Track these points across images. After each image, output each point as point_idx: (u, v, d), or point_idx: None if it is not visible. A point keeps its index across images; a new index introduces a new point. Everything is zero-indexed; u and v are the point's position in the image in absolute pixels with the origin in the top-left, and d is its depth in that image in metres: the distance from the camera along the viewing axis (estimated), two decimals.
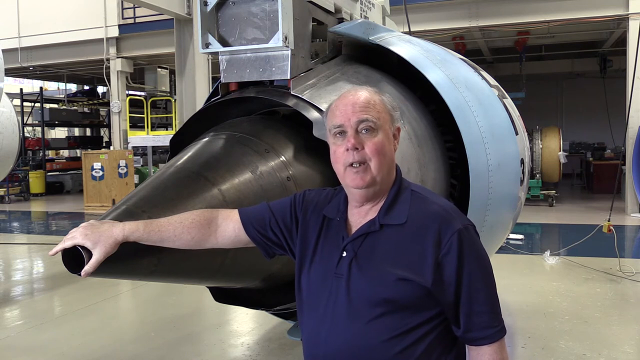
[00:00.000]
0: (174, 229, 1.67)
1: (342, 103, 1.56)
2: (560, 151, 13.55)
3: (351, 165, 1.51)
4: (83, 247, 1.58)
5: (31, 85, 26.06)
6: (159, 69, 17.69)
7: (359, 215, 1.59)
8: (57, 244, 1.63)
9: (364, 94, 1.57)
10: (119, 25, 15.70)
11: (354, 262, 1.52)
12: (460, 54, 4.13)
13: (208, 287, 2.43)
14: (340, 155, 1.53)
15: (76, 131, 25.83)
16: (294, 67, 2.35)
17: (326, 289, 1.55)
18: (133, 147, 15.33)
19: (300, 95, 2.32)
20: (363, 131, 1.52)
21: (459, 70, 3.08)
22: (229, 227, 1.72)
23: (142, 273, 1.75)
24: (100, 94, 22.90)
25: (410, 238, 1.49)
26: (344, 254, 1.54)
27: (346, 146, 1.51)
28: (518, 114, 3.90)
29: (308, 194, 1.75)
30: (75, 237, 1.60)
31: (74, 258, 1.59)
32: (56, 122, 22.17)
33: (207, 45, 2.37)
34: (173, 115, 16.72)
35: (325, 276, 1.56)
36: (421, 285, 1.45)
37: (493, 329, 1.48)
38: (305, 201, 1.72)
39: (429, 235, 1.48)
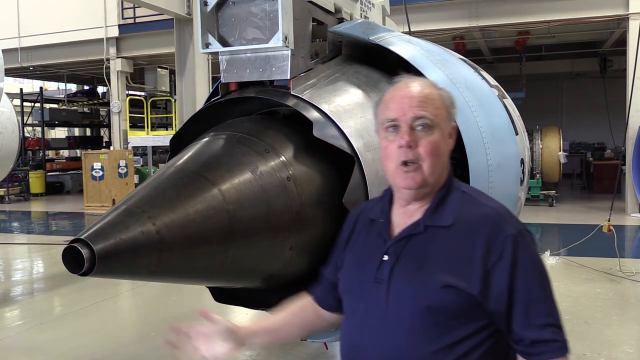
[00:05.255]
0: (290, 332, 1.78)
1: (397, 95, 1.45)
2: (560, 151, 13.55)
3: (403, 163, 1.41)
4: (83, 247, 1.58)
5: (31, 85, 26.04)
6: (159, 69, 17.69)
7: (405, 216, 1.48)
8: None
9: (422, 86, 1.46)
10: (119, 25, 15.70)
11: (396, 266, 1.42)
12: (460, 54, 4.13)
13: (208, 287, 2.43)
14: (392, 152, 1.42)
15: (76, 131, 25.83)
16: (294, 67, 2.34)
17: (365, 294, 1.46)
18: (133, 147, 15.33)
19: (300, 95, 2.32)
20: (418, 128, 1.41)
21: (459, 70, 3.08)
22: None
23: (142, 273, 1.74)
24: (100, 94, 22.90)
25: (456, 242, 1.38)
26: (385, 257, 1.44)
27: (399, 143, 1.40)
28: (518, 114, 3.89)
29: (360, 205, 1.70)
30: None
31: (74, 258, 1.59)
32: (56, 122, 22.18)
33: (207, 45, 2.36)
34: (173, 115, 16.72)
35: (365, 280, 1.47)
36: (467, 294, 1.34)
37: (557, 343, 1.35)
38: (354, 214, 1.67)
39: (478, 240, 1.36)
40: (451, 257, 1.37)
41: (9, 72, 16.76)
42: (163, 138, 14.74)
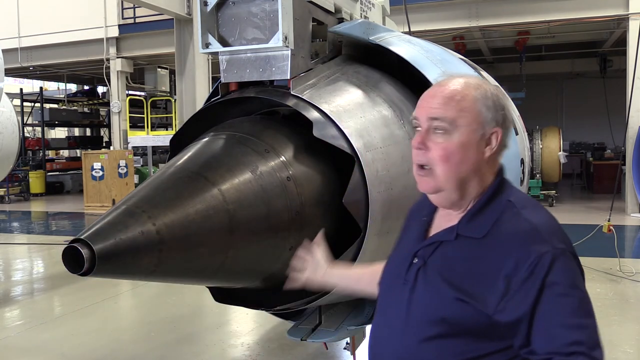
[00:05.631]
0: (364, 289, 1.79)
1: (427, 93, 1.39)
2: (560, 151, 13.55)
3: (419, 167, 1.37)
4: (83, 247, 1.58)
5: (31, 85, 26.04)
6: (159, 69, 17.69)
7: (444, 219, 1.43)
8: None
9: (454, 85, 1.36)
10: (119, 25, 15.70)
11: (421, 271, 1.38)
12: (460, 54, 4.13)
13: (208, 287, 2.43)
14: (413, 153, 1.39)
15: (76, 131, 25.84)
16: (294, 67, 2.34)
17: (393, 293, 1.45)
18: (133, 147, 15.33)
19: (300, 95, 2.32)
20: (437, 131, 1.33)
21: (459, 70, 3.08)
22: None
23: (142, 273, 1.74)
24: (100, 94, 22.90)
25: (484, 256, 1.29)
26: (415, 260, 1.40)
27: (413, 143, 1.37)
28: (518, 114, 3.89)
29: (417, 200, 1.63)
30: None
31: (74, 258, 1.59)
32: (56, 122, 22.19)
33: (207, 45, 2.36)
34: (173, 115, 16.72)
35: (396, 279, 1.44)
36: (480, 311, 1.26)
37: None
38: (411, 210, 1.64)
39: (507, 257, 1.25)
40: (473, 271, 1.29)
41: (9, 72, 16.76)
42: (163, 138, 14.74)
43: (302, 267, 1.88)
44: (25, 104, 22.01)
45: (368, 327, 3.41)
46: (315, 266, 1.85)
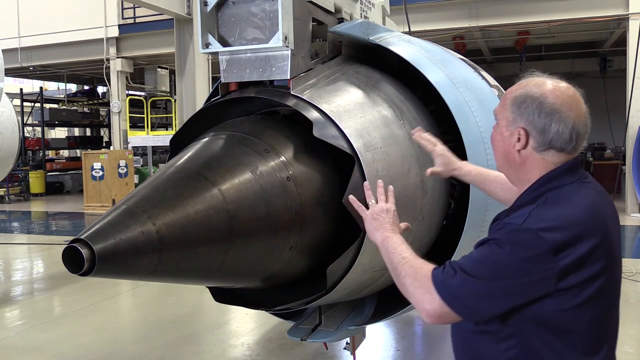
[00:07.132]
0: (494, 190, 2.02)
1: None
2: None
3: None
4: (83, 247, 1.58)
5: (31, 85, 26.03)
6: (159, 69, 17.69)
7: None
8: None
9: (515, 85, 1.58)
10: (119, 25, 15.70)
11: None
12: (460, 54, 4.13)
13: (208, 287, 2.43)
14: None
15: (76, 131, 25.83)
16: (294, 67, 2.34)
17: None
18: (133, 147, 15.33)
19: (300, 95, 2.32)
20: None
21: (459, 70, 3.08)
22: None
23: (142, 273, 1.74)
24: (100, 94, 22.89)
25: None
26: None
27: None
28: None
29: None
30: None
31: (74, 258, 1.59)
32: (56, 122, 22.18)
33: (207, 45, 2.37)
34: (173, 115, 16.72)
35: None
36: None
37: (445, 267, 1.45)
38: None
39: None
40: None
41: (9, 72, 16.75)
42: (163, 138, 14.73)
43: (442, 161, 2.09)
44: (25, 104, 22.00)
45: (368, 327, 3.41)
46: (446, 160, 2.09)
